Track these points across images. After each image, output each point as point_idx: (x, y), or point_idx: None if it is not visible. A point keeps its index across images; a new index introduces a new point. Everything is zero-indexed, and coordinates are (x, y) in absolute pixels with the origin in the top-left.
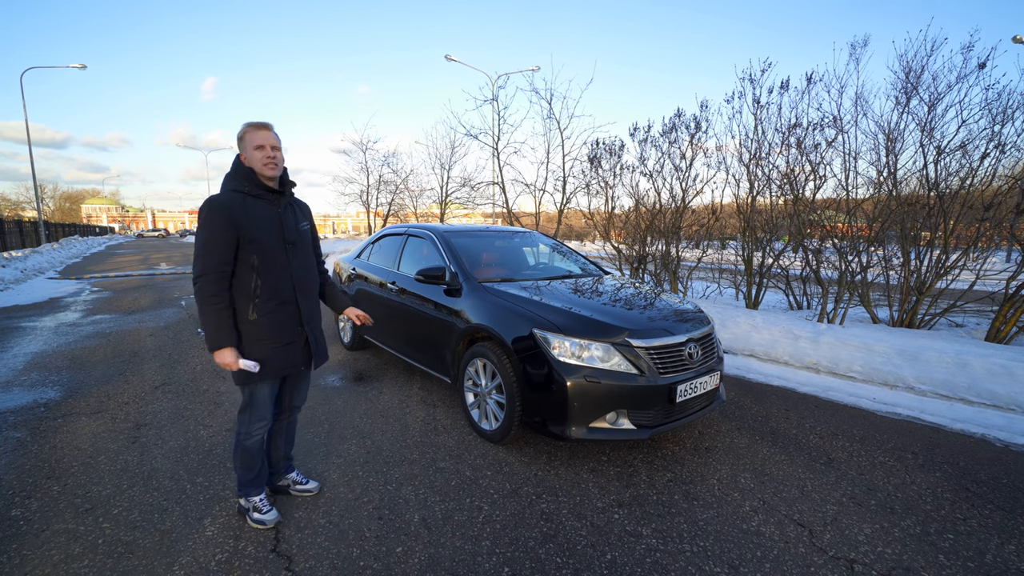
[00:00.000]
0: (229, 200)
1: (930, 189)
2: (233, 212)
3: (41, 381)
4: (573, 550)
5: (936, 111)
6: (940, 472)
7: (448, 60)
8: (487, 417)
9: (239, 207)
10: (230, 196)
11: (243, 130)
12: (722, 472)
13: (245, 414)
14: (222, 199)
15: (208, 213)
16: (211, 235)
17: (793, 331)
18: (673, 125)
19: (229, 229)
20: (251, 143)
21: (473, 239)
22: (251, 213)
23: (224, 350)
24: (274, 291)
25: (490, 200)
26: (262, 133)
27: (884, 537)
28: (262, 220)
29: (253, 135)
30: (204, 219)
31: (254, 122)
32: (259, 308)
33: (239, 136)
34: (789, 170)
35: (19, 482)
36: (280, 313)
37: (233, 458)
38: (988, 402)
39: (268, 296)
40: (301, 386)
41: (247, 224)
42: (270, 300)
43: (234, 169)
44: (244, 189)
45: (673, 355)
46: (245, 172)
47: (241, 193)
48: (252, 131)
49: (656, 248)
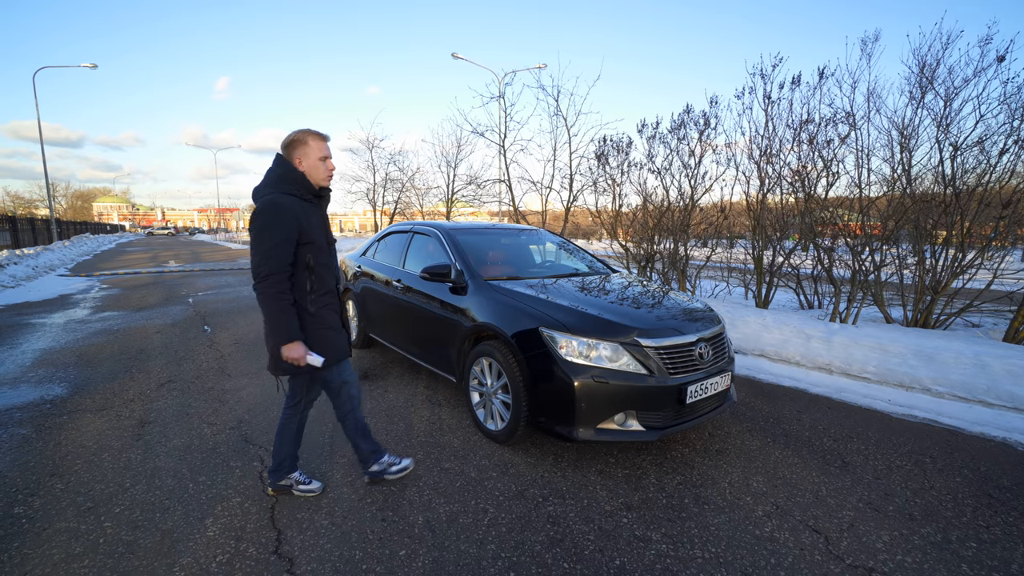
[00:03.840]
0: (290, 203)
1: (946, 186)
2: (297, 215)
3: (48, 377)
4: (581, 555)
5: (952, 106)
6: (960, 477)
7: (455, 58)
8: (493, 417)
9: (300, 211)
10: (289, 199)
11: (304, 137)
12: (733, 475)
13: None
14: (286, 203)
15: (276, 216)
16: (281, 237)
17: (805, 331)
18: (682, 121)
19: (294, 231)
20: (317, 152)
21: (479, 237)
22: (308, 216)
23: (295, 344)
24: (324, 285)
25: (496, 198)
26: (326, 145)
27: (904, 545)
28: (315, 222)
29: (319, 145)
30: (271, 221)
31: (318, 132)
32: (315, 302)
33: (299, 141)
34: (801, 167)
35: (23, 479)
36: (330, 306)
37: (350, 434)
38: (1008, 404)
39: (321, 291)
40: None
41: (307, 226)
42: (323, 295)
43: (284, 172)
44: (297, 193)
45: (683, 355)
46: (298, 177)
47: (296, 197)
48: (318, 141)
49: (664, 246)
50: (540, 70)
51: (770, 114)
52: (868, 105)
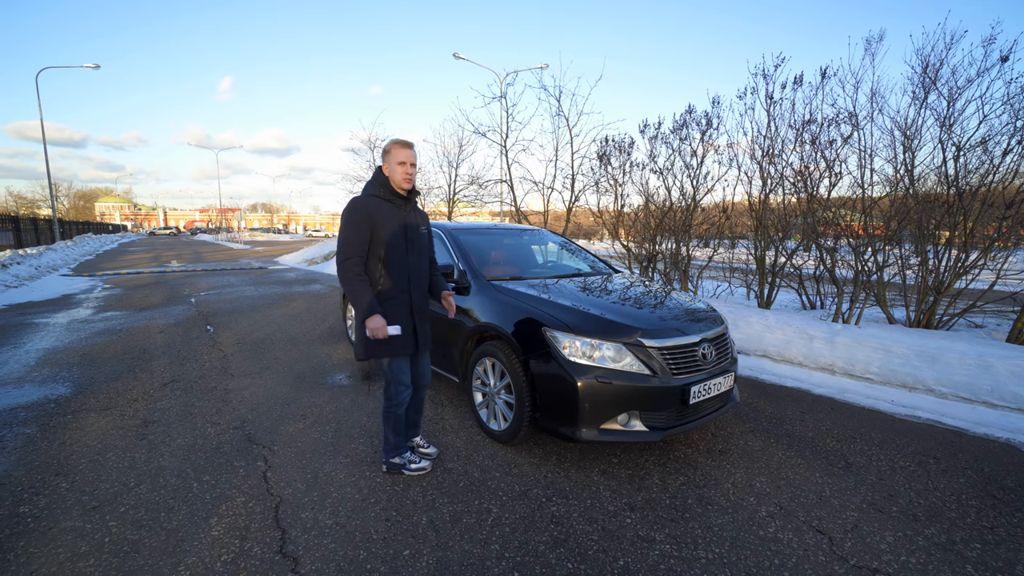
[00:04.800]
0: (368, 202)
1: (949, 186)
2: (370, 211)
3: (52, 377)
4: (584, 555)
5: (955, 106)
6: (964, 478)
7: (456, 58)
8: (496, 417)
9: (375, 208)
10: (368, 199)
11: (390, 145)
12: (737, 476)
13: (391, 387)
14: (363, 201)
15: (352, 211)
16: (356, 228)
17: (807, 331)
18: (684, 122)
19: (366, 225)
20: (396, 158)
21: (482, 237)
22: (384, 214)
23: (375, 316)
24: (394, 282)
25: (498, 198)
26: (406, 151)
27: (908, 546)
28: (391, 221)
29: (399, 152)
30: (348, 215)
31: (401, 140)
32: (380, 296)
33: (387, 149)
34: (803, 167)
35: (28, 478)
36: (396, 301)
37: (384, 424)
38: (1012, 405)
39: (389, 285)
40: (423, 368)
41: (380, 223)
42: (391, 289)
43: (375, 176)
44: (380, 194)
45: (686, 355)
46: (383, 180)
47: (377, 197)
48: (399, 148)
49: (666, 247)
50: (542, 70)
51: (772, 114)
52: (871, 105)
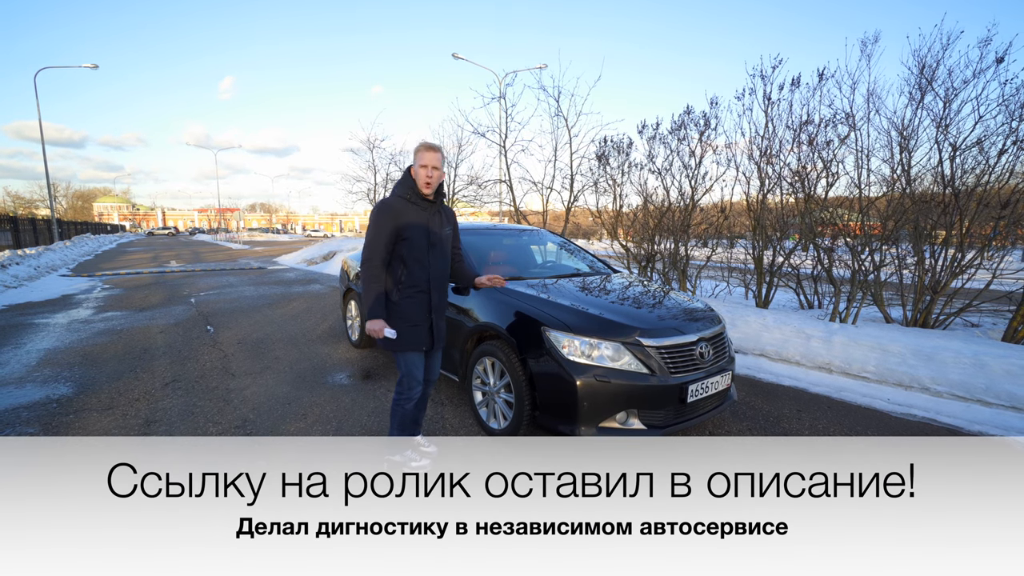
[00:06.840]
0: (393, 203)
1: (945, 186)
2: (395, 213)
3: (53, 377)
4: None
5: (952, 107)
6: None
7: (455, 58)
8: (495, 416)
9: (400, 210)
10: (395, 200)
11: (417, 148)
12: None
13: (404, 381)
14: (389, 202)
15: (377, 212)
16: (378, 230)
17: (805, 330)
18: (682, 122)
19: (390, 226)
20: (419, 161)
21: (481, 237)
22: (408, 216)
23: (376, 319)
24: (415, 281)
25: (497, 198)
26: (429, 155)
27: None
28: (415, 222)
29: (423, 155)
30: (374, 217)
31: (427, 143)
32: (400, 293)
33: (414, 151)
34: (801, 168)
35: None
36: (415, 299)
37: (391, 419)
38: (1007, 404)
39: (409, 284)
40: (432, 365)
41: (404, 224)
42: (410, 288)
43: (402, 178)
44: (406, 196)
45: (684, 354)
46: (410, 182)
47: (403, 199)
48: (423, 151)
49: (665, 246)
50: (541, 71)
51: (770, 115)
52: (868, 106)
